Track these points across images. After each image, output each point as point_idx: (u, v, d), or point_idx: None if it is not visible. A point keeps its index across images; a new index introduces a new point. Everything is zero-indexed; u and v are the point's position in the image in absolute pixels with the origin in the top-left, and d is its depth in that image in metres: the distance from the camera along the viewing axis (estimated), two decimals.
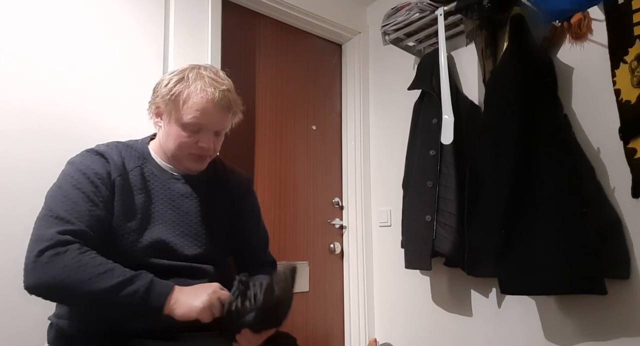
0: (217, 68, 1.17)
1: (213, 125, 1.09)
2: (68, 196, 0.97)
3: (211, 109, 1.06)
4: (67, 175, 1.02)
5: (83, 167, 1.03)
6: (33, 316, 1.35)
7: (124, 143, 1.16)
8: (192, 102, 1.05)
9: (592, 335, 1.49)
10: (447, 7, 1.81)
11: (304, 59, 2.39)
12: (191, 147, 1.09)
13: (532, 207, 1.46)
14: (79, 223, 0.94)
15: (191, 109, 1.05)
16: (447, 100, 1.76)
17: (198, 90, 1.05)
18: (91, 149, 1.09)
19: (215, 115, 1.07)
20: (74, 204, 0.96)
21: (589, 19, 1.52)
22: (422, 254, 1.81)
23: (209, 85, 1.06)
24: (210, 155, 1.15)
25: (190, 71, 1.09)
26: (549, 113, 1.52)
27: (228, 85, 1.11)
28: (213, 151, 1.14)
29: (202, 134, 1.09)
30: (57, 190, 1.00)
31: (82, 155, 1.08)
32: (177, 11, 1.81)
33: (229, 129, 1.17)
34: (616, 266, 1.40)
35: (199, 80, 1.06)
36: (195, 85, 1.05)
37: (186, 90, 1.06)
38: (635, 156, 1.33)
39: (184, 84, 1.06)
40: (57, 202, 0.97)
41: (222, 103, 1.07)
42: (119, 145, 1.14)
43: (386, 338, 2.22)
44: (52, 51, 1.50)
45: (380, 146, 2.39)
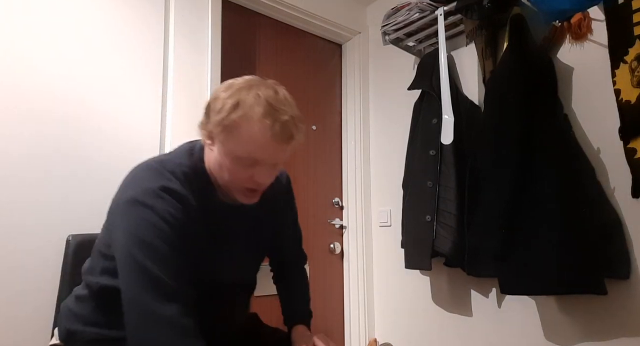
0: (278, 86, 0.99)
1: (271, 159, 0.95)
2: (159, 252, 0.87)
3: (270, 143, 0.91)
4: (148, 223, 0.89)
5: (164, 213, 0.90)
6: (33, 315, 1.35)
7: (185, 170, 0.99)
8: (247, 136, 0.90)
9: (592, 335, 1.49)
10: (447, 7, 1.81)
11: (304, 59, 2.39)
12: (245, 182, 0.96)
13: (532, 207, 1.46)
14: (176, 286, 0.86)
15: (247, 143, 0.91)
16: (447, 100, 1.76)
17: (255, 121, 0.89)
18: (166, 188, 0.92)
19: (273, 149, 0.93)
20: (168, 262, 0.87)
21: (589, 19, 1.52)
22: (422, 254, 1.81)
23: (268, 115, 0.90)
24: (263, 189, 1.01)
25: (247, 93, 0.92)
26: (549, 113, 1.52)
27: (290, 111, 0.94)
28: (268, 183, 1.00)
29: (258, 168, 0.94)
30: (143, 244, 0.87)
31: (155, 195, 0.91)
32: (177, 11, 1.81)
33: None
34: (616, 266, 1.40)
35: (256, 107, 0.90)
36: (252, 114, 0.89)
37: (241, 121, 0.90)
38: (635, 156, 1.33)
39: (240, 111, 0.90)
40: (150, 258, 0.86)
41: (282, 137, 0.91)
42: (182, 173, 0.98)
43: (386, 338, 2.22)
44: (52, 51, 1.50)
45: (380, 146, 2.39)
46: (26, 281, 1.36)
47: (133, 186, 0.95)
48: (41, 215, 1.41)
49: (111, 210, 0.99)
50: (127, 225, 0.90)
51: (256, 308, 1.28)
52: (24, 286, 1.35)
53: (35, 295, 1.36)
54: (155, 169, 0.97)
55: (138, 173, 0.98)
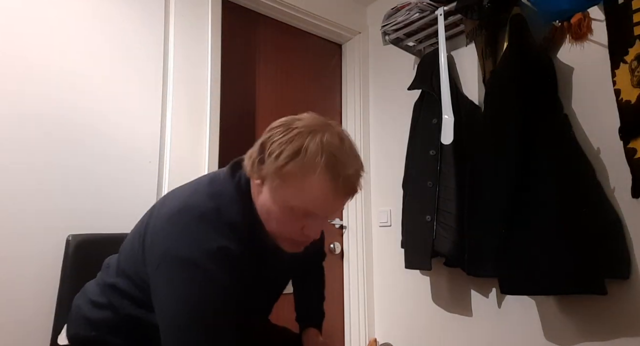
0: (343, 132, 0.89)
1: (327, 213, 0.87)
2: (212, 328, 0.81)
3: (330, 199, 0.83)
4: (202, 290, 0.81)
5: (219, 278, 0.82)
6: (33, 314, 1.35)
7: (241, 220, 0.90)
8: (307, 189, 0.81)
9: (592, 335, 1.49)
10: (447, 7, 1.81)
11: (304, 58, 2.39)
12: (294, 233, 0.88)
13: (532, 207, 1.46)
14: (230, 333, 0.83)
15: (304, 196, 0.82)
16: (447, 100, 1.76)
17: (317, 175, 0.80)
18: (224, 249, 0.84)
19: (332, 204, 0.85)
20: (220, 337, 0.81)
21: (589, 19, 1.52)
22: (422, 254, 1.81)
23: (331, 169, 0.80)
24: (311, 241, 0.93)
25: (310, 139, 0.81)
26: (549, 113, 1.52)
27: (355, 165, 0.85)
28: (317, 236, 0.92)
29: (310, 220, 0.86)
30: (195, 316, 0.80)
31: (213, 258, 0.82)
32: (177, 11, 1.81)
33: None
34: (616, 266, 1.40)
35: (319, 158, 0.80)
36: (314, 167, 0.80)
37: (300, 172, 0.80)
38: (635, 156, 1.33)
39: (300, 162, 0.80)
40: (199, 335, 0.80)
41: (344, 192, 0.84)
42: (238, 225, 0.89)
43: (386, 338, 2.22)
44: (52, 53, 1.50)
45: (380, 146, 2.39)
46: (27, 281, 1.36)
47: (187, 241, 0.83)
48: (41, 215, 1.41)
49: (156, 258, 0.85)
50: (176, 288, 0.81)
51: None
52: (24, 286, 1.35)
53: (35, 294, 1.36)
54: (211, 220, 0.86)
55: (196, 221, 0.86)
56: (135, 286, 0.93)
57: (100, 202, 1.53)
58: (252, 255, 0.91)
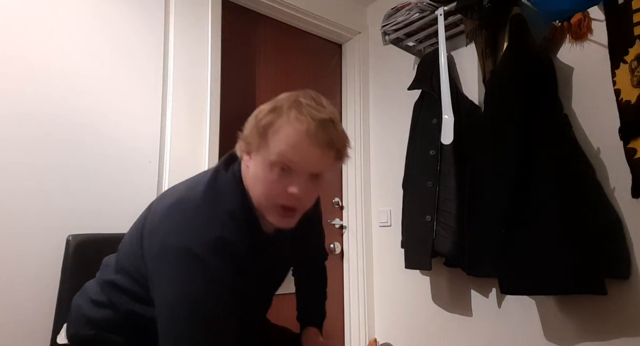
0: (320, 95, 0.94)
1: (307, 164, 0.86)
2: (210, 321, 0.81)
3: (305, 143, 0.84)
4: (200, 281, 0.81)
5: (218, 269, 0.82)
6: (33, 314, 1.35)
7: (243, 213, 0.91)
8: (282, 135, 0.84)
9: (592, 335, 1.49)
10: (447, 7, 1.81)
11: (304, 58, 2.39)
12: (279, 195, 0.87)
13: (532, 207, 1.46)
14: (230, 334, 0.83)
15: (281, 143, 0.84)
16: (447, 100, 1.77)
17: (291, 120, 0.84)
18: (222, 239, 0.84)
19: (308, 152, 0.85)
20: (219, 330, 0.82)
21: (589, 19, 1.52)
22: (422, 254, 1.81)
23: (305, 114, 0.84)
24: (301, 209, 0.91)
25: (286, 99, 0.89)
26: (549, 113, 1.52)
27: (331, 114, 0.88)
28: (306, 203, 0.91)
29: (293, 177, 0.86)
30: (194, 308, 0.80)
31: (211, 249, 0.82)
32: (177, 11, 1.81)
33: (330, 174, 0.97)
34: (616, 266, 1.40)
35: (294, 108, 0.86)
36: (289, 114, 0.85)
37: (277, 120, 0.85)
38: (635, 156, 1.33)
39: (276, 113, 0.86)
40: (198, 327, 0.80)
41: (319, 137, 0.84)
42: (235, 213, 0.90)
43: (386, 338, 2.22)
44: (52, 53, 1.50)
45: (380, 146, 2.39)
46: (27, 281, 1.36)
47: (186, 233, 0.83)
48: (41, 215, 1.41)
49: (155, 251, 0.86)
50: (175, 279, 0.81)
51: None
52: (24, 286, 1.35)
53: (35, 294, 1.36)
54: (209, 211, 0.87)
55: (190, 213, 0.87)
56: (135, 282, 0.93)
57: (100, 202, 1.53)
58: (250, 244, 0.91)
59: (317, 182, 0.90)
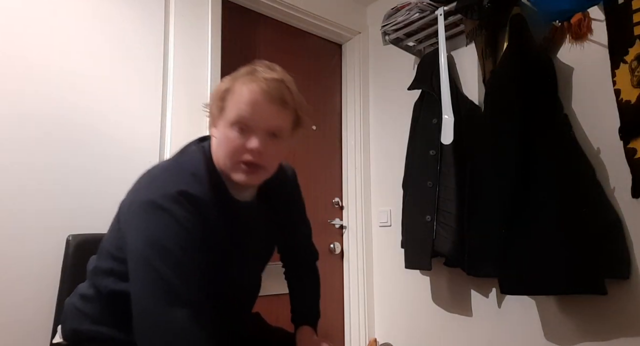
0: (275, 65, 1.02)
1: (262, 120, 0.92)
2: (175, 257, 0.84)
3: (258, 100, 0.91)
4: (166, 227, 0.86)
5: (182, 218, 0.87)
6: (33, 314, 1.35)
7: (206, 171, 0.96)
8: (238, 96, 0.92)
9: (592, 335, 1.49)
10: (447, 7, 1.81)
11: (304, 58, 2.39)
12: (240, 151, 0.92)
13: (532, 207, 1.46)
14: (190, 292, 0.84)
15: (237, 103, 0.92)
16: (447, 100, 1.77)
17: (245, 82, 0.93)
18: (184, 192, 0.89)
19: (263, 108, 0.91)
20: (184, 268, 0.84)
21: (589, 19, 1.52)
22: (422, 254, 1.81)
23: (258, 76, 0.93)
24: (264, 166, 0.95)
25: (242, 69, 0.98)
26: (549, 113, 1.52)
27: (282, 76, 0.97)
28: (267, 160, 0.95)
29: (251, 134, 0.92)
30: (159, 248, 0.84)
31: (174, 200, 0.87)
32: (177, 11, 1.81)
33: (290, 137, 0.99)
34: (616, 266, 1.40)
35: (248, 74, 0.94)
36: (244, 78, 0.94)
37: (233, 85, 0.94)
38: (635, 156, 1.33)
39: (232, 80, 0.96)
40: (165, 263, 0.83)
41: (272, 94, 0.92)
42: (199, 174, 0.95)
43: (386, 338, 2.22)
44: (52, 53, 1.50)
45: (380, 146, 2.39)
46: (26, 281, 1.36)
47: (151, 188, 0.91)
48: (41, 215, 1.41)
49: (125, 211, 0.94)
50: (144, 229, 0.86)
51: (259, 308, 1.27)
52: (24, 286, 1.35)
53: (35, 294, 1.36)
54: (173, 171, 0.95)
55: (156, 175, 0.95)
56: (115, 259, 0.95)
57: (100, 202, 1.53)
58: (216, 202, 0.94)
59: (276, 141, 0.95)
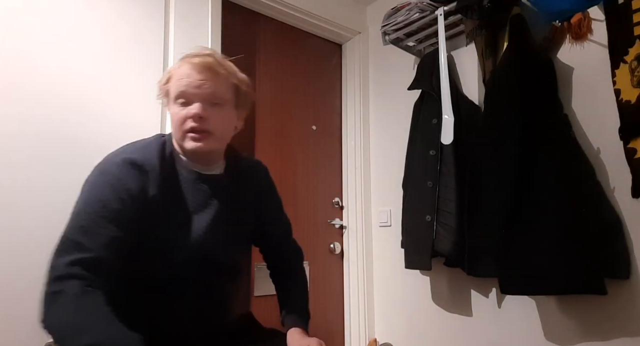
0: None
1: (196, 89, 1.02)
2: (92, 214, 0.92)
3: (191, 73, 1.03)
4: (97, 189, 0.96)
5: (115, 182, 0.96)
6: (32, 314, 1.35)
7: (157, 145, 1.07)
8: (175, 76, 1.05)
9: (592, 335, 1.49)
10: (447, 7, 1.81)
11: (304, 58, 2.39)
12: (184, 120, 1.03)
13: (532, 207, 1.46)
14: (95, 250, 0.89)
15: (176, 81, 1.04)
16: (447, 100, 1.76)
17: (181, 64, 1.06)
18: (129, 159, 0.99)
19: (195, 78, 1.02)
20: (96, 225, 0.91)
21: (589, 19, 1.52)
22: (422, 254, 1.81)
23: (190, 56, 1.05)
24: (209, 130, 1.04)
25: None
26: (549, 113, 1.52)
27: (212, 52, 1.09)
28: (211, 125, 1.04)
29: (191, 104, 1.03)
30: (83, 206, 0.95)
31: (117, 165, 0.98)
32: (177, 11, 1.81)
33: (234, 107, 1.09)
34: (616, 266, 1.40)
35: (183, 58, 1.07)
36: (180, 62, 1.07)
37: (172, 69, 1.08)
38: (635, 156, 1.33)
39: (173, 67, 1.09)
40: (79, 220, 0.92)
41: (201, 65, 1.03)
42: (153, 148, 1.06)
43: (386, 338, 2.22)
44: (52, 53, 1.50)
45: (380, 146, 2.39)
46: (26, 281, 1.36)
47: (104, 160, 1.03)
48: (42, 214, 1.41)
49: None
50: (85, 192, 0.97)
51: (256, 308, 1.27)
52: (23, 286, 1.35)
53: (35, 294, 1.36)
54: (126, 146, 1.07)
55: (112, 153, 1.06)
56: None
57: None
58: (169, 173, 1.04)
59: (219, 109, 1.05)
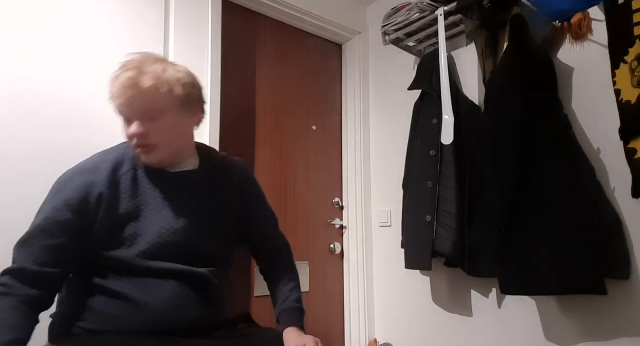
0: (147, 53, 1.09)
1: (129, 108, 1.03)
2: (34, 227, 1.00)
3: (120, 92, 1.02)
4: (44, 202, 1.04)
5: (57, 192, 1.04)
6: None
7: (122, 149, 1.13)
8: (111, 94, 1.05)
9: (592, 335, 1.49)
10: (447, 7, 1.81)
11: (304, 59, 2.39)
12: (130, 139, 1.06)
13: (532, 207, 1.46)
14: (20, 261, 0.97)
15: (112, 101, 1.05)
16: (447, 100, 1.76)
17: (110, 85, 1.04)
18: (88, 162, 1.09)
19: (123, 98, 1.02)
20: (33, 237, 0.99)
21: (589, 19, 1.52)
22: (422, 254, 1.81)
23: (115, 74, 1.03)
24: (154, 144, 1.05)
25: None
26: (549, 113, 1.52)
27: (135, 64, 1.02)
28: (155, 138, 1.04)
29: (131, 122, 1.04)
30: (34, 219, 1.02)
31: (71, 176, 1.06)
32: (177, 11, 1.81)
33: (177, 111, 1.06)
34: (616, 266, 1.40)
35: (111, 77, 1.05)
36: (110, 82, 1.05)
37: (109, 85, 1.06)
38: (635, 156, 1.33)
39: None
40: (24, 234, 1.00)
41: (126, 84, 1.01)
42: (114, 150, 1.13)
43: (386, 338, 2.22)
44: (52, 53, 1.50)
45: (380, 146, 2.39)
46: None
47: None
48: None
49: None
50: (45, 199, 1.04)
51: (256, 308, 1.27)
52: None
53: None
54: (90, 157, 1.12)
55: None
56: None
57: None
58: (133, 177, 1.08)
59: (158, 121, 1.04)
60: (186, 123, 1.11)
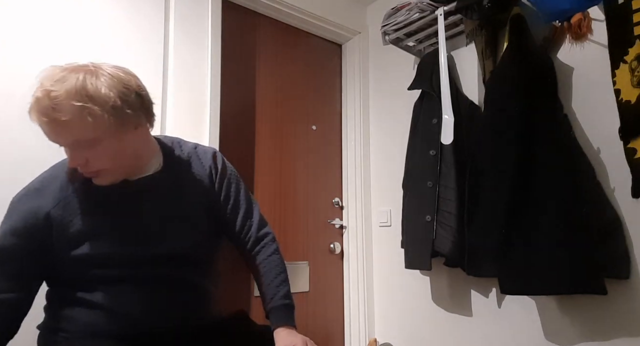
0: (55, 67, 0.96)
1: (59, 140, 0.93)
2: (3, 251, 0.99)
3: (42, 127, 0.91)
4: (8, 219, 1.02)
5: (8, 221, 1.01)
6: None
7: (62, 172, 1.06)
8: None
9: (592, 335, 1.49)
10: (447, 7, 1.81)
11: (304, 59, 2.39)
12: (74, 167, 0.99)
13: (532, 207, 1.46)
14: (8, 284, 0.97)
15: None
16: (447, 100, 1.76)
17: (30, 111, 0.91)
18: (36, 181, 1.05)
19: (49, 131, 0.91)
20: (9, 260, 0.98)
21: (589, 19, 1.52)
22: (422, 254, 1.81)
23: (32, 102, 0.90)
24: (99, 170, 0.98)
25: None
26: (549, 114, 1.52)
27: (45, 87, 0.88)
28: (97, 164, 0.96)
29: (67, 151, 0.97)
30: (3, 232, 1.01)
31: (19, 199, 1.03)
32: (177, 11, 1.81)
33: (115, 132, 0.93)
34: (616, 266, 1.40)
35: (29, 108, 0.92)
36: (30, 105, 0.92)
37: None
38: (635, 156, 1.33)
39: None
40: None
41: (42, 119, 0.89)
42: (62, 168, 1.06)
43: (386, 338, 2.22)
44: (51, 53, 1.50)
45: (380, 146, 2.39)
46: None
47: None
48: None
49: None
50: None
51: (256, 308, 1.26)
52: None
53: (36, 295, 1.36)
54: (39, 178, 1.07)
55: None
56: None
57: None
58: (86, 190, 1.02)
59: (95, 148, 0.93)
60: (131, 140, 0.98)
